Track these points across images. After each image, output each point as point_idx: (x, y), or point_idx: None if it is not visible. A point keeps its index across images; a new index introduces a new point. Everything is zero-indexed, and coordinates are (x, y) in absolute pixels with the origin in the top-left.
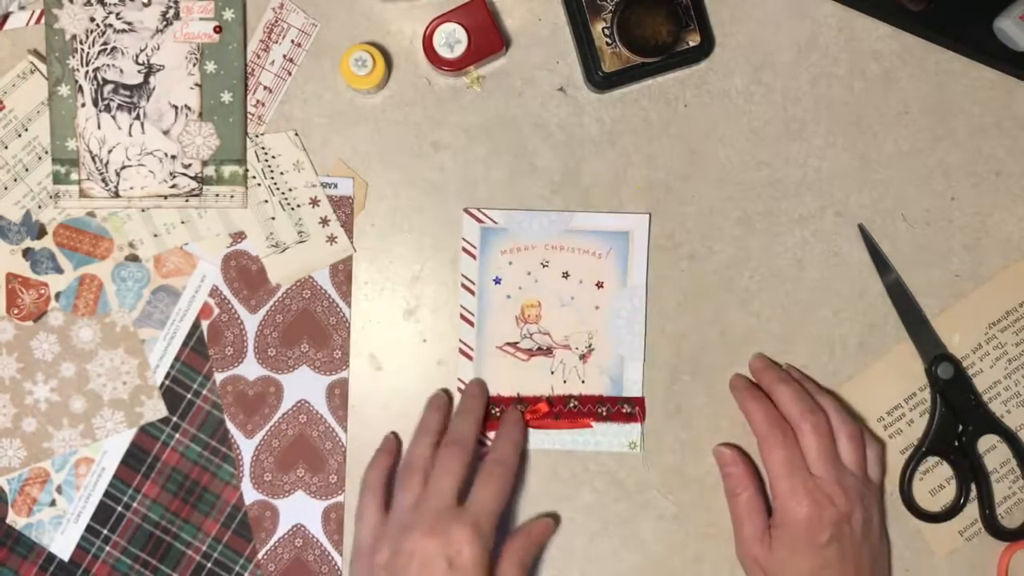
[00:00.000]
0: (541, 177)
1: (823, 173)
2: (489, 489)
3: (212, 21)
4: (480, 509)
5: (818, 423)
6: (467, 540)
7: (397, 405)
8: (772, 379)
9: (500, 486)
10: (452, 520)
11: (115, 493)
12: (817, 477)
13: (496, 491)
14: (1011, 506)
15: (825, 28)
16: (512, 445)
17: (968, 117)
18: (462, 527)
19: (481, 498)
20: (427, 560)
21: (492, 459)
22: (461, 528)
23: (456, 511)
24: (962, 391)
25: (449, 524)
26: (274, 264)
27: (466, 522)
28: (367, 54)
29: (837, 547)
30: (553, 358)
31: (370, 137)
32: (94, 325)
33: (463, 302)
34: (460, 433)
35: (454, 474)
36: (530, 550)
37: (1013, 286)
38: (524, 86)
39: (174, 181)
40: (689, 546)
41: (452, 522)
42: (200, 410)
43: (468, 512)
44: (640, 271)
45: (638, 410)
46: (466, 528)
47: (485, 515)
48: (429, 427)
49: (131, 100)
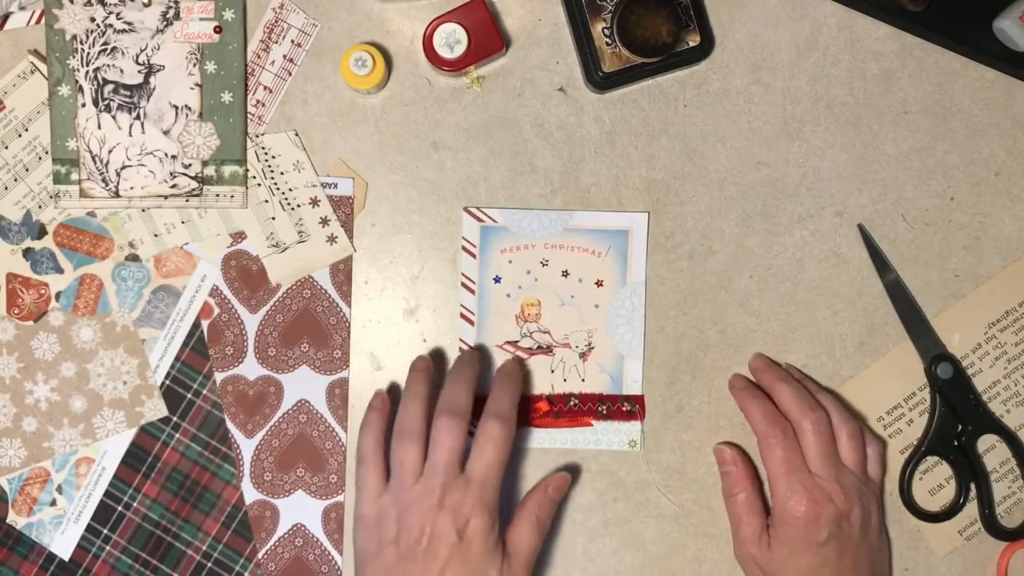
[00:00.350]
0: (541, 177)
1: (822, 173)
2: (488, 452)
3: (212, 21)
4: (482, 475)
5: (818, 422)
6: (473, 510)
7: (397, 405)
8: (772, 378)
9: (499, 448)
10: (456, 492)
11: (115, 493)
12: (816, 476)
13: (495, 454)
14: (1010, 506)
15: (825, 28)
16: (508, 399)
17: (968, 117)
18: (466, 498)
19: (481, 463)
20: (436, 534)
21: (488, 417)
22: (465, 499)
23: (459, 482)
24: (962, 391)
25: (453, 496)
26: (274, 264)
27: (470, 492)
28: (367, 54)
29: (835, 545)
30: (553, 357)
31: (370, 137)
32: (94, 325)
33: (463, 301)
34: (455, 402)
35: (452, 446)
36: (546, 507)
37: (1013, 286)
38: (524, 86)
39: (174, 181)
40: (689, 546)
41: (456, 494)
42: (200, 410)
43: (471, 481)
44: (639, 269)
45: (638, 408)
46: (470, 498)
47: (488, 480)
48: (417, 392)
49: (131, 100)
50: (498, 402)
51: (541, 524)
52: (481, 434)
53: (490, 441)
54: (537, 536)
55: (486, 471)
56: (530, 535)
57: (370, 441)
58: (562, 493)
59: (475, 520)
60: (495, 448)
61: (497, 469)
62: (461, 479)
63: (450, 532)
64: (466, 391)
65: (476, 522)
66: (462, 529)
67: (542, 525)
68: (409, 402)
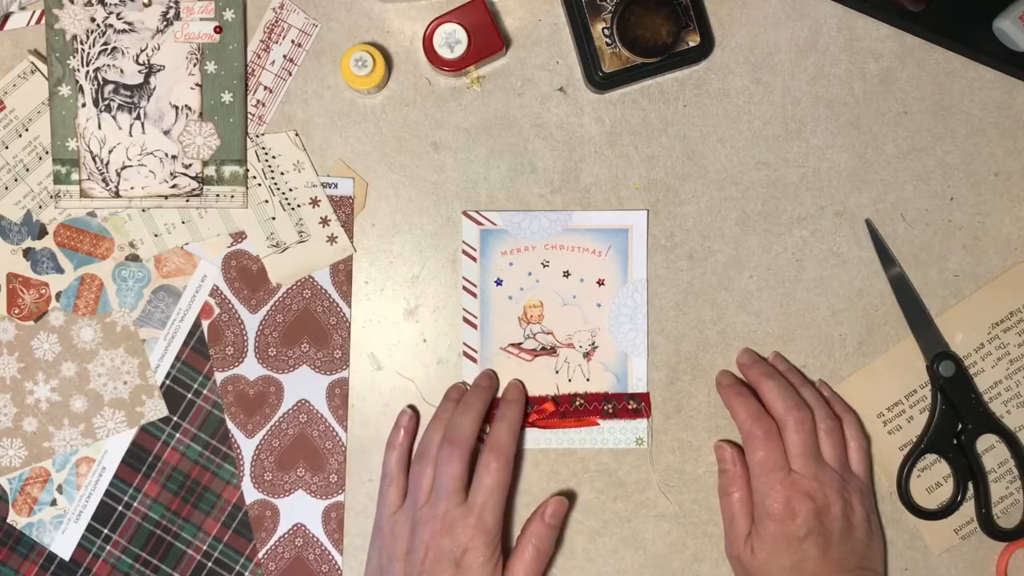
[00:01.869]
0: (541, 177)
1: (822, 173)
2: (487, 480)
3: (212, 21)
4: (482, 502)
5: (802, 419)
6: (471, 539)
7: (397, 405)
8: (758, 374)
9: (498, 476)
10: (457, 519)
11: (116, 493)
12: (795, 473)
13: (495, 481)
14: (1008, 506)
15: (825, 28)
16: (508, 431)
17: (967, 117)
18: (465, 526)
19: (482, 491)
20: (438, 557)
21: (487, 450)
22: (464, 527)
23: (460, 509)
24: (963, 390)
25: (454, 523)
26: (274, 264)
27: (469, 521)
28: (367, 54)
29: (816, 541)
30: (557, 357)
31: (370, 137)
32: (95, 325)
33: (465, 304)
34: (458, 431)
35: (453, 474)
36: (544, 534)
37: (1017, 286)
38: (524, 86)
39: (174, 181)
40: (688, 545)
41: (457, 520)
42: (201, 410)
43: (471, 508)
44: (640, 267)
45: (644, 406)
46: (469, 528)
47: (488, 507)
48: (441, 417)
49: (131, 100)
50: (498, 434)
51: (540, 553)
52: (481, 466)
53: (488, 472)
54: (537, 565)
55: (484, 499)
56: (530, 565)
57: (392, 458)
58: (559, 519)
59: (473, 550)
60: (493, 478)
61: (497, 495)
62: (463, 507)
63: (447, 558)
64: (471, 422)
65: (474, 552)
66: (460, 558)
67: (541, 554)
68: (432, 426)
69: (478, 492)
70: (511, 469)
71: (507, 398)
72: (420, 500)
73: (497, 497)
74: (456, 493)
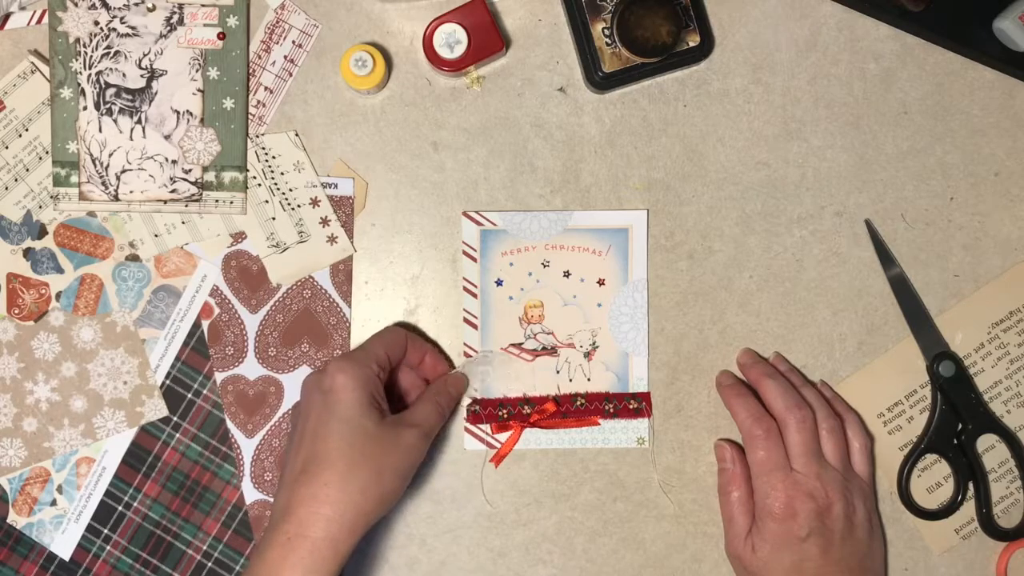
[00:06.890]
0: (541, 177)
1: (822, 173)
2: (377, 336)
3: (216, 28)
4: (361, 348)
5: (803, 419)
6: (339, 369)
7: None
8: (758, 374)
9: (388, 334)
10: (334, 360)
11: (116, 493)
12: (796, 472)
13: (382, 336)
14: (1008, 506)
15: (825, 28)
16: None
17: (967, 117)
18: (337, 361)
19: (367, 343)
20: (308, 389)
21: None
22: (337, 362)
23: (340, 356)
24: (963, 390)
25: (330, 362)
26: (274, 264)
27: (343, 358)
28: (367, 54)
29: (817, 541)
30: (558, 357)
31: (370, 137)
32: (95, 325)
33: (466, 305)
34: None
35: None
36: (445, 397)
37: (1017, 286)
38: (524, 86)
39: (174, 186)
40: (688, 545)
41: (332, 361)
42: (201, 410)
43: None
44: (641, 267)
45: (645, 406)
46: (341, 360)
47: (362, 350)
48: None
49: (133, 104)
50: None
51: (442, 409)
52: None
53: (385, 330)
54: (438, 417)
55: (366, 345)
56: (433, 414)
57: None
58: (461, 391)
59: (340, 376)
60: (384, 334)
61: (379, 345)
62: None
63: (316, 390)
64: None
65: (340, 378)
66: (328, 386)
67: (442, 411)
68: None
69: (365, 343)
70: (403, 334)
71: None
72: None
73: (378, 347)
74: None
